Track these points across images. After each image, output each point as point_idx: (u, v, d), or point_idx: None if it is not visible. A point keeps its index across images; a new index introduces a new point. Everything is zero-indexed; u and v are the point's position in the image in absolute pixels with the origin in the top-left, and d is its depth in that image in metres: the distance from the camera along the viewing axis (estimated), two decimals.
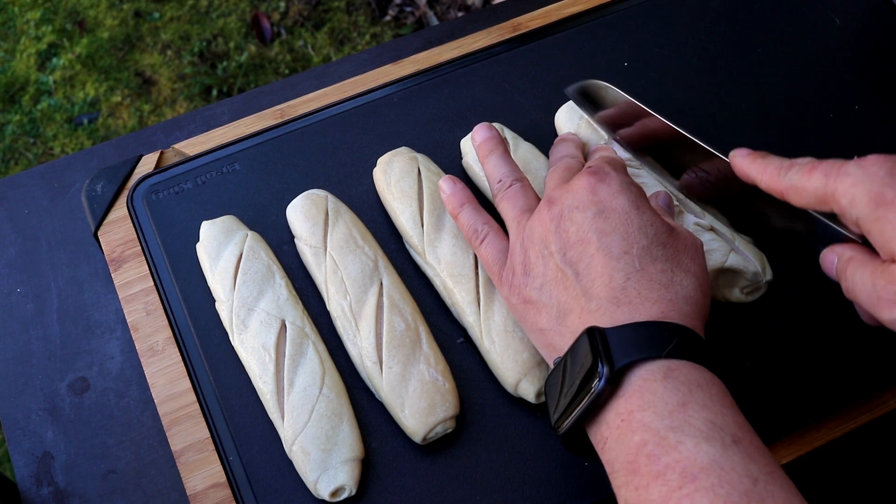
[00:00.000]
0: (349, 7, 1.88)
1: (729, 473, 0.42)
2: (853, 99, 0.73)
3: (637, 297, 0.50)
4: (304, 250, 0.65)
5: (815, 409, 0.61)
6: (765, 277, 0.61)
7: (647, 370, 0.47)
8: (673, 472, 0.42)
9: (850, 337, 0.62)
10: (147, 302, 0.66)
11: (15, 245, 0.75)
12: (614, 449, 0.46)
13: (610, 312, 0.50)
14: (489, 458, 0.59)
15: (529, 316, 0.55)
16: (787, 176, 0.50)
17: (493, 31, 0.79)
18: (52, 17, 1.90)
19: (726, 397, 0.47)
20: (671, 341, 0.47)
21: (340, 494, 0.57)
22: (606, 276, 0.51)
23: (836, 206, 0.47)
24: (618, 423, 0.46)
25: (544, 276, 0.54)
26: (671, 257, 0.52)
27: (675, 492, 0.42)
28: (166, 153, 0.73)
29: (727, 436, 0.44)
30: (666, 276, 0.51)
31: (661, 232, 0.53)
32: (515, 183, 0.60)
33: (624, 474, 0.45)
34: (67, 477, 0.65)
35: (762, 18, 0.78)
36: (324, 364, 0.60)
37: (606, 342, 0.48)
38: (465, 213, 0.61)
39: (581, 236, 0.53)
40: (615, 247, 0.52)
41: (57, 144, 1.75)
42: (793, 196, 0.50)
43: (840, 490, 0.65)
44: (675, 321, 0.49)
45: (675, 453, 0.43)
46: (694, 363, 0.47)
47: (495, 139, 0.63)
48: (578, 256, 0.52)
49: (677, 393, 0.45)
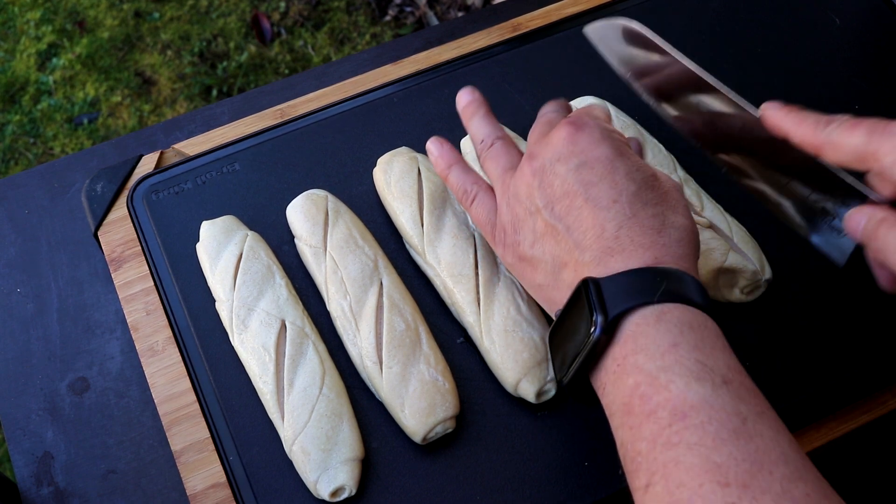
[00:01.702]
0: (349, 7, 1.88)
1: (718, 412, 0.42)
2: (853, 99, 0.73)
3: (630, 244, 0.50)
4: (304, 250, 0.65)
5: (815, 409, 0.61)
6: (764, 276, 0.61)
7: (641, 315, 0.47)
8: (664, 411, 0.43)
9: (850, 337, 0.62)
10: (147, 302, 0.66)
11: (15, 245, 0.75)
12: (611, 393, 0.47)
13: (604, 262, 0.50)
14: (489, 458, 0.59)
15: (526, 273, 0.55)
16: (826, 130, 0.49)
17: (493, 31, 0.79)
18: (52, 17, 1.90)
19: (718, 339, 0.47)
20: (662, 285, 0.47)
21: (340, 494, 0.57)
22: (598, 227, 0.51)
23: (877, 164, 0.47)
24: (614, 368, 0.47)
25: (534, 232, 0.54)
26: (660, 201, 0.52)
27: (665, 429, 0.43)
28: (166, 153, 0.73)
29: (717, 376, 0.44)
30: (658, 220, 0.51)
31: (647, 176, 0.53)
32: (497, 141, 0.60)
33: (620, 416, 0.46)
34: (67, 477, 0.65)
35: (762, 18, 0.78)
36: (324, 364, 0.60)
37: (601, 292, 0.48)
38: (454, 173, 0.61)
39: (566, 189, 0.53)
40: (603, 196, 0.52)
41: (57, 144, 1.75)
42: (829, 152, 0.49)
43: (840, 490, 0.65)
44: (669, 265, 0.49)
45: (666, 392, 0.44)
46: (687, 305, 0.47)
47: (477, 101, 0.63)
48: (566, 210, 0.52)
49: (669, 335, 0.46)
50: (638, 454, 0.44)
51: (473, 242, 0.63)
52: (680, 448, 0.42)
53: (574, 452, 0.59)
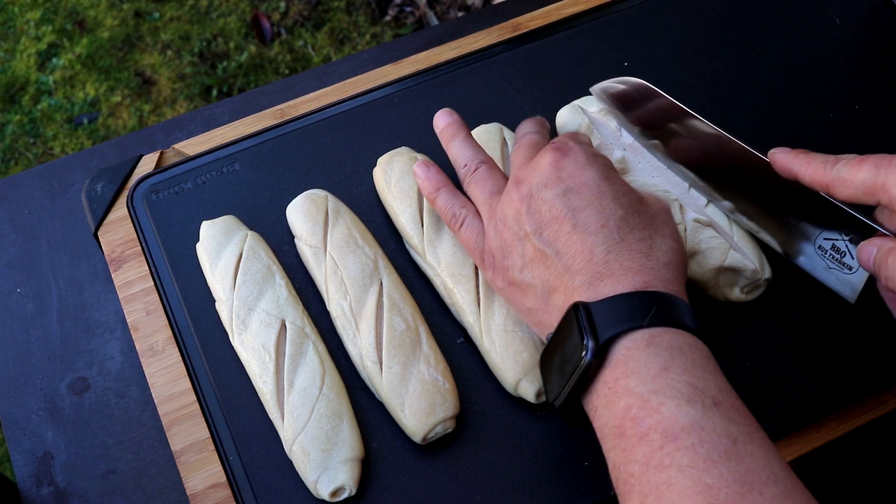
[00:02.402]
0: (349, 7, 1.88)
1: (709, 434, 0.43)
2: (853, 99, 0.73)
3: (619, 268, 0.50)
4: (304, 250, 0.65)
5: (815, 409, 0.61)
6: (763, 275, 0.61)
7: (631, 339, 0.47)
8: (655, 433, 0.44)
9: (851, 337, 0.62)
10: (147, 302, 0.66)
11: (15, 245, 0.75)
12: (603, 416, 0.47)
13: (593, 287, 0.50)
14: (489, 458, 0.59)
15: (516, 297, 0.56)
16: (835, 168, 0.51)
17: (493, 31, 0.79)
18: (52, 17, 1.90)
19: (709, 361, 0.47)
20: (652, 309, 0.48)
21: (340, 494, 0.57)
22: (587, 252, 0.51)
23: (886, 196, 0.49)
24: (605, 391, 0.47)
25: (523, 257, 0.54)
26: (648, 224, 0.53)
27: (657, 451, 0.43)
28: (166, 153, 0.73)
29: (707, 398, 0.45)
30: (645, 243, 0.52)
31: (634, 200, 0.53)
32: (481, 166, 0.60)
33: (612, 438, 0.46)
34: (67, 477, 0.65)
35: (762, 18, 0.78)
36: (324, 364, 0.60)
37: (591, 316, 0.48)
38: (442, 197, 0.61)
39: (554, 214, 0.53)
40: (591, 222, 0.52)
41: (57, 144, 1.75)
42: (838, 188, 0.51)
43: (840, 490, 0.65)
44: (658, 289, 0.49)
45: (658, 415, 0.44)
46: (676, 329, 0.48)
47: (457, 123, 0.63)
48: (555, 235, 0.53)
49: (659, 358, 0.46)
50: (630, 476, 0.44)
51: None
52: (672, 470, 0.42)
53: (574, 452, 0.59)
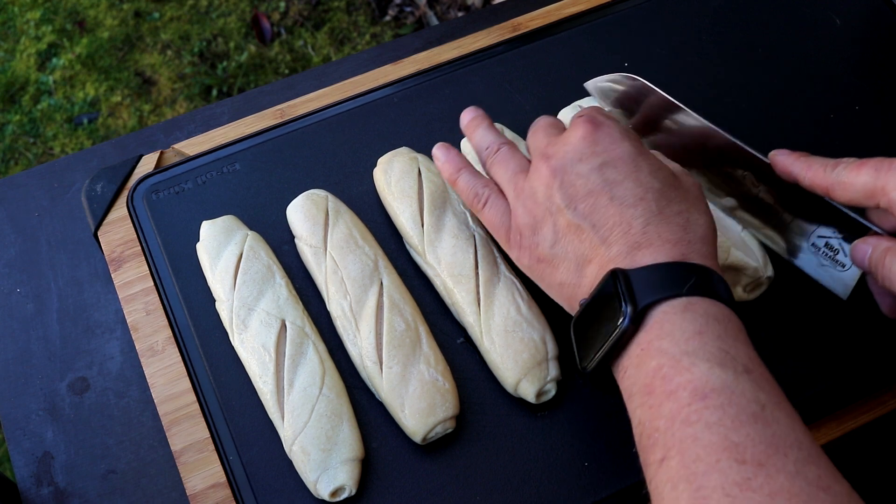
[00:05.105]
0: (349, 7, 1.88)
1: (738, 397, 0.43)
2: (853, 99, 0.73)
3: (658, 238, 0.51)
4: (304, 250, 0.65)
5: (816, 409, 0.61)
6: (766, 273, 0.61)
7: (668, 305, 0.48)
8: (684, 391, 0.44)
9: (851, 336, 0.62)
10: (147, 302, 0.66)
11: (15, 245, 0.75)
12: (633, 376, 0.48)
13: (631, 256, 0.51)
14: (489, 458, 0.59)
15: (546, 273, 0.55)
16: (835, 172, 0.53)
17: (493, 31, 0.79)
18: (52, 17, 1.90)
19: (741, 332, 0.48)
20: (691, 280, 0.49)
21: (340, 494, 0.57)
22: (625, 224, 0.51)
23: (886, 198, 0.50)
24: (637, 352, 0.48)
25: (556, 231, 0.54)
26: (684, 198, 0.53)
27: (684, 408, 0.44)
28: (166, 153, 0.73)
29: (739, 364, 0.45)
30: (682, 217, 0.52)
31: (669, 175, 0.54)
32: (503, 147, 0.60)
33: (640, 396, 0.46)
34: (67, 477, 0.65)
35: (762, 18, 0.78)
36: (324, 364, 0.60)
37: (629, 283, 0.49)
38: (464, 177, 0.61)
39: (590, 188, 0.53)
40: (629, 195, 0.52)
41: (57, 144, 1.75)
42: (838, 191, 0.52)
43: None
44: (695, 262, 0.50)
45: (688, 374, 0.45)
46: (712, 299, 0.48)
47: (481, 116, 0.63)
48: (591, 208, 0.53)
49: (695, 323, 0.47)
50: (655, 430, 0.44)
51: (473, 242, 0.63)
52: (699, 426, 0.43)
53: (574, 452, 0.59)
